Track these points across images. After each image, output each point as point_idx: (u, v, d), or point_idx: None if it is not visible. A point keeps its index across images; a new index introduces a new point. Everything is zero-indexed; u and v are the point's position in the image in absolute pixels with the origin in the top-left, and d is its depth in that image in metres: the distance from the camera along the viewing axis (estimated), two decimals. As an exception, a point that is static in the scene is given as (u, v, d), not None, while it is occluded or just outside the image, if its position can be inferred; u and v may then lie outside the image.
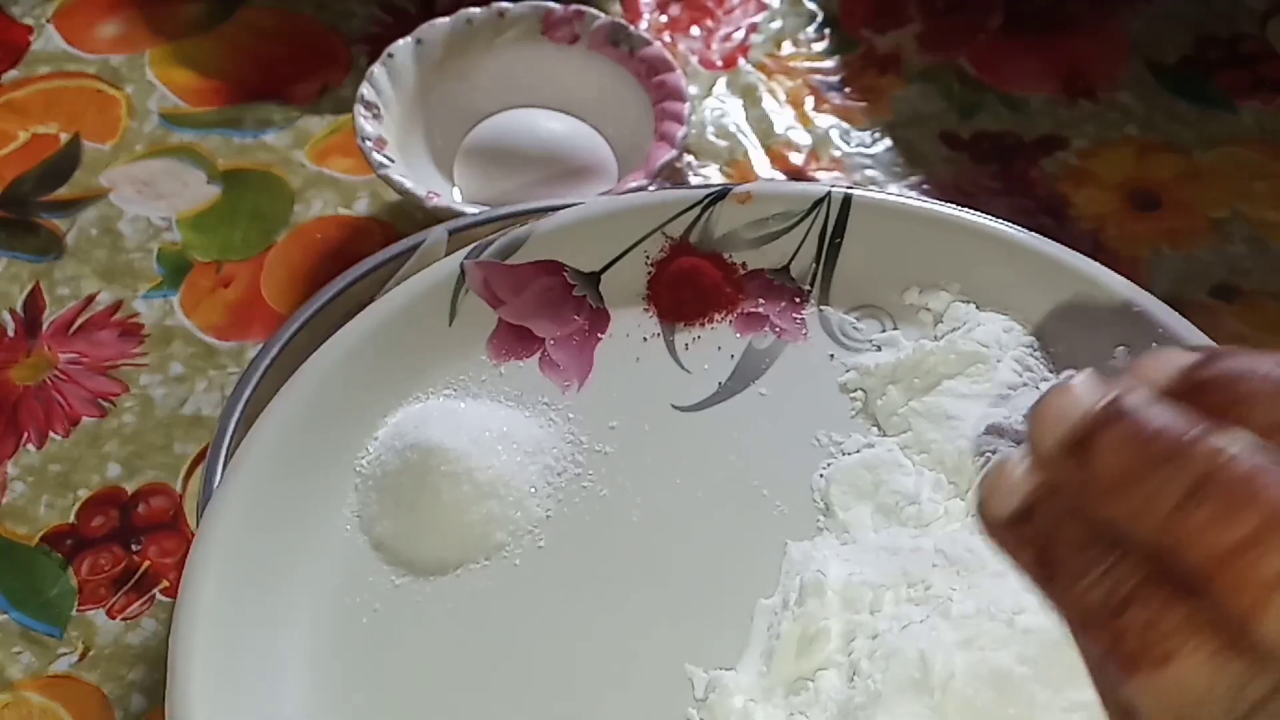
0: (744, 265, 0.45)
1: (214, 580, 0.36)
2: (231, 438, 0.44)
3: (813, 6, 0.67)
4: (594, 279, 0.45)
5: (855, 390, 0.43)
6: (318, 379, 0.41)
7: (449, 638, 0.38)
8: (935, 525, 0.38)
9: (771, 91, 0.63)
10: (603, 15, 0.59)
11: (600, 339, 0.44)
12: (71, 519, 0.50)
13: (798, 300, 0.45)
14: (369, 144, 0.54)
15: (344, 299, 0.47)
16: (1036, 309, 0.44)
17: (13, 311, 0.56)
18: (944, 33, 0.66)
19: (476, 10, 0.59)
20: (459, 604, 0.38)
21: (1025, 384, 0.41)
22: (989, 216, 0.46)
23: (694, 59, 0.65)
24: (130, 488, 0.51)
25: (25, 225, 0.59)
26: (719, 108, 0.63)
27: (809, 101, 0.63)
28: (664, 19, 0.67)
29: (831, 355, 0.44)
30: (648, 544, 0.40)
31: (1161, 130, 0.62)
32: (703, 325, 0.45)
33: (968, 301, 0.44)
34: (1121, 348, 0.42)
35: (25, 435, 0.52)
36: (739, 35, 0.66)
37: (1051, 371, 0.42)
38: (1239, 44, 0.64)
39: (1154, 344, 0.41)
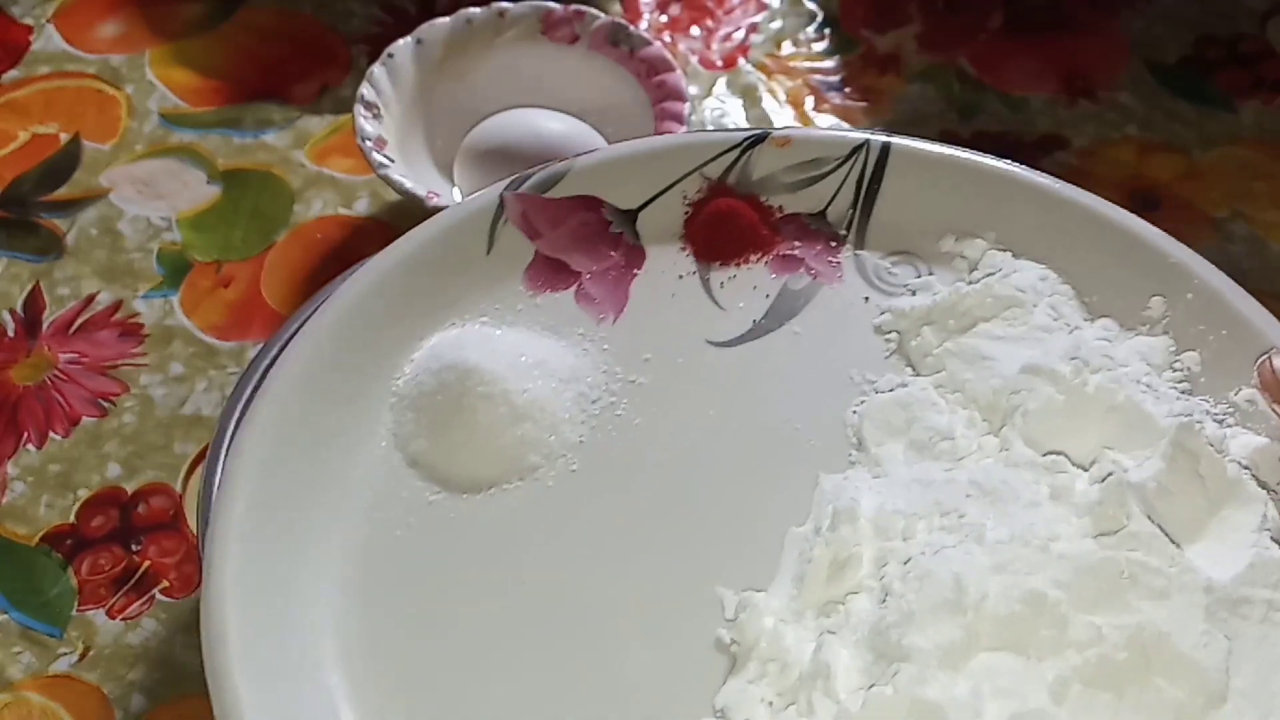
0: (781, 208, 0.46)
1: (246, 494, 0.37)
2: (231, 438, 0.44)
3: (813, 6, 0.67)
4: (631, 216, 0.45)
5: (890, 332, 0.43)
6: (355, 301, 0.41)
7: (480, 554, 0.38)
8: (968, 460, 0.39)
9: (771, 91, 0.64)
10: (603, 15, 0.59)
11: (636, 275, 0.44)
12: (71, 519, 0.50)
13: (833, 244, 0.45)
14: (369, 144, 0.54)
15: (344, 299, 0.47)
16: (1072, 258, 0.44)
17: (13, 311, 0.56)
18: (944, 33, 0.66)
19: (476, 10, 0.59)
20: (491, 522, 0.39)
21: (1060, 329, 0.42)
22: (1025, 167, 0.46)
23: (694, 59, 0.65)
24: (130, 488, 0.51)
25: (25, 225, 0.59)
26: (719, 108, 0.63)
27: (809, 101, 0.63)
28: (664, 19, 0.67)
29: (866, 298, 0.44)
30: (680, 472, 0.40)
31: (1161, 130, 0.62)
32: (738, 265, 0.45)
33: (1003, 249, 0.44)
34: (1157, 298, 0.42)
35: (25, 435, 0.52)
36: (739, 35, 0.66)
37: (1086, 319, 0.42)
38: (1239, 44, 0.64)
39: (1189, 295, 0.42)
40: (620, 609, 0.37)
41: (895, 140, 0.46)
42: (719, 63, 0.65)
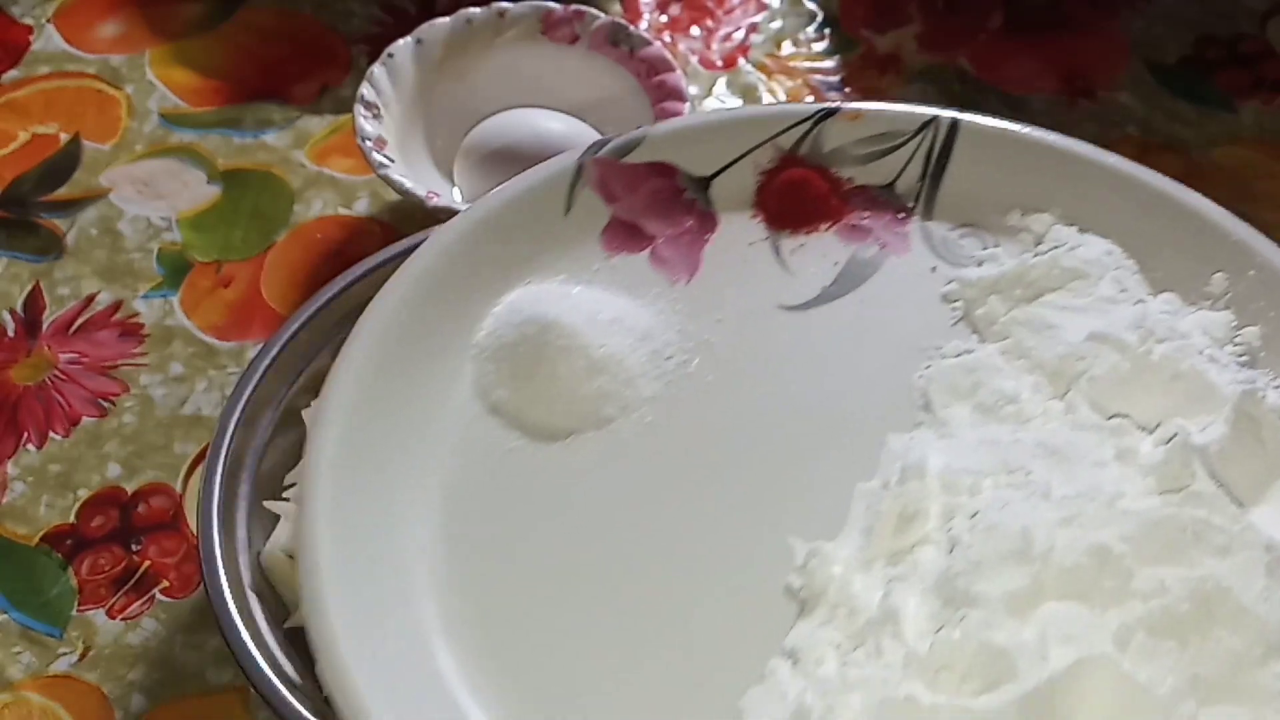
0: (850, 180, 0.47)
1: (336, 437, 0.39)
2: (231, 438, 0.44)
3: (813, 6, 0.67)
4: (704, 184, 0.46)
5: (956, 300, 0.44)
6: (436, 259, 0.43)
7: (558, 499, 0.39)
8: (1034, 423, 0.40)
9: (771, 91, 0.64)
10: (603, 15, 0.59)
11: (708, 240, 0.46)
12: (71, 519, 0.50)
13: (901, 216, 0.46)
14: (369, 144, 0.54)
15: (344, 299, 0.47)
16: (1136, 234, 0.45)
17: (13, 311, 0.56)
18: (944, 33, 0.66)
19: (476, 10, 0.59)
20: (568, 470, 0.40)
21: (1125, 301, 0.43)
22: (1092, 145, 0.47)
23: (694, 59, 0.65)
24: (130, 488, 0.51)
25: (25, 225, 0.59)
26: (719, 108, 0.63)
27: (809, 101, 0.63)
28: (664, 19, 0.67)
29: (934, 268, 0.45)
30: (750, 427, 0.41)
31: (1161, 130, 0.62)
32: (808, 233, 0.46)
33: (1069, 224, 0.45)
34: (1219, 274, 0.43)
35: (25, 435, 0.52)
36: (739, 35, 0.66)
37: (1150, 294, 0.43)
38: (1239, 44, 0.64)
39: (1251, 272, 0.43)
40: (692, 555, 0.38)
41: (964, 117, 0.47)
42: (719, 63, 0.65)
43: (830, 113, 0.47)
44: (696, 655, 0.37)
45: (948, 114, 0.47)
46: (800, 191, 0.46)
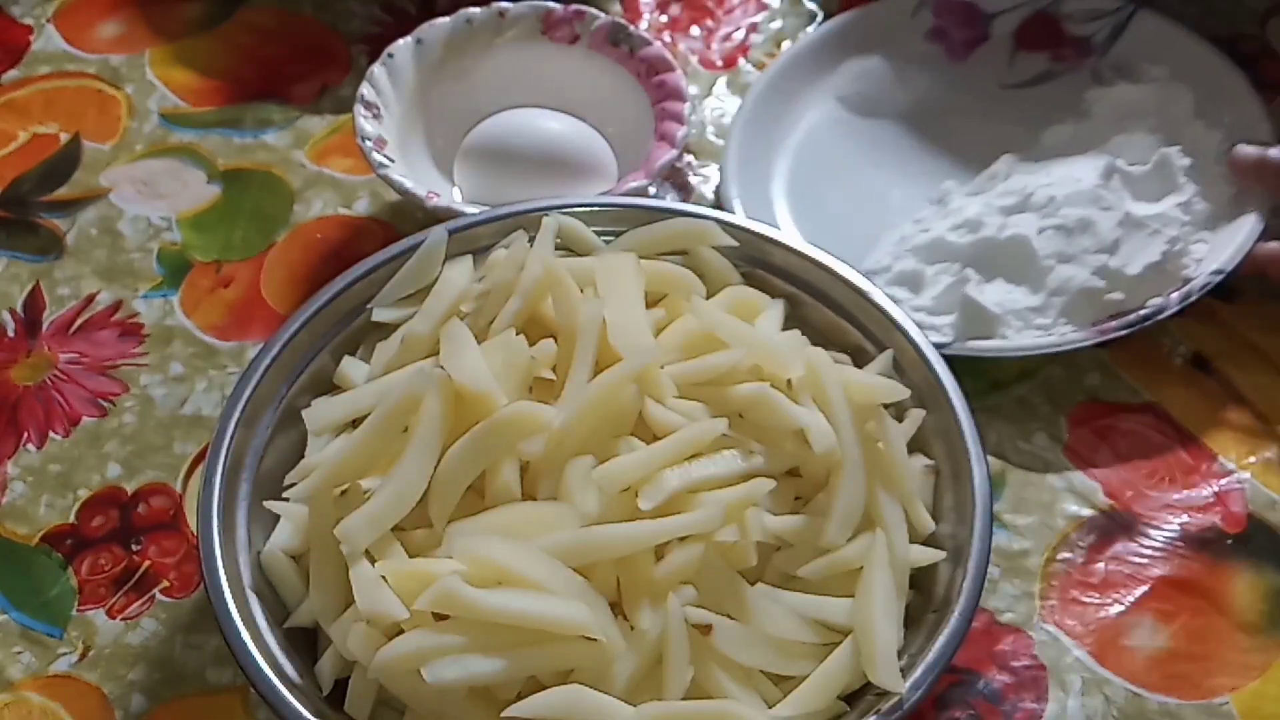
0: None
1: (738, 137, 0.59)
2: (231, 438, 0.44)
3: (813, 6, 0.67)
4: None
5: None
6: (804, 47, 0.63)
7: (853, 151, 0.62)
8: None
9: (771, 91, 0.63)
10: (603, 15, 0.59)
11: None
12: (71, 519, 0.50)
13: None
14: (369, 144, 0.54)
15: (344, 299, 0.47)
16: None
17: (13, 311, 0.56)
18: (944, 32, 0.66)
19: (476, 10, 0.59)
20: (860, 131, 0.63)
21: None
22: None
23: (694, 59, 0.65)
24: (130, 488, 0.51)
25: (25, 225, 0.59)
26: (719, 108, 0.63)
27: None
28: (664, 19, 0.67)
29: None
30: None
31: (1161, 130, 0.62)
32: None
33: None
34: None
35: (25, 435, 0.52)
36: (739, 35, 0.66)
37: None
38: (1239, 44, 0.64)
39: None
40: (902, 178, 0.60)
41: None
42: (719, 63, 0.65)
43: None
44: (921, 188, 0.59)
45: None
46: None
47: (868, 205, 0.58)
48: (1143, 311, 0.52)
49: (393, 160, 0.54)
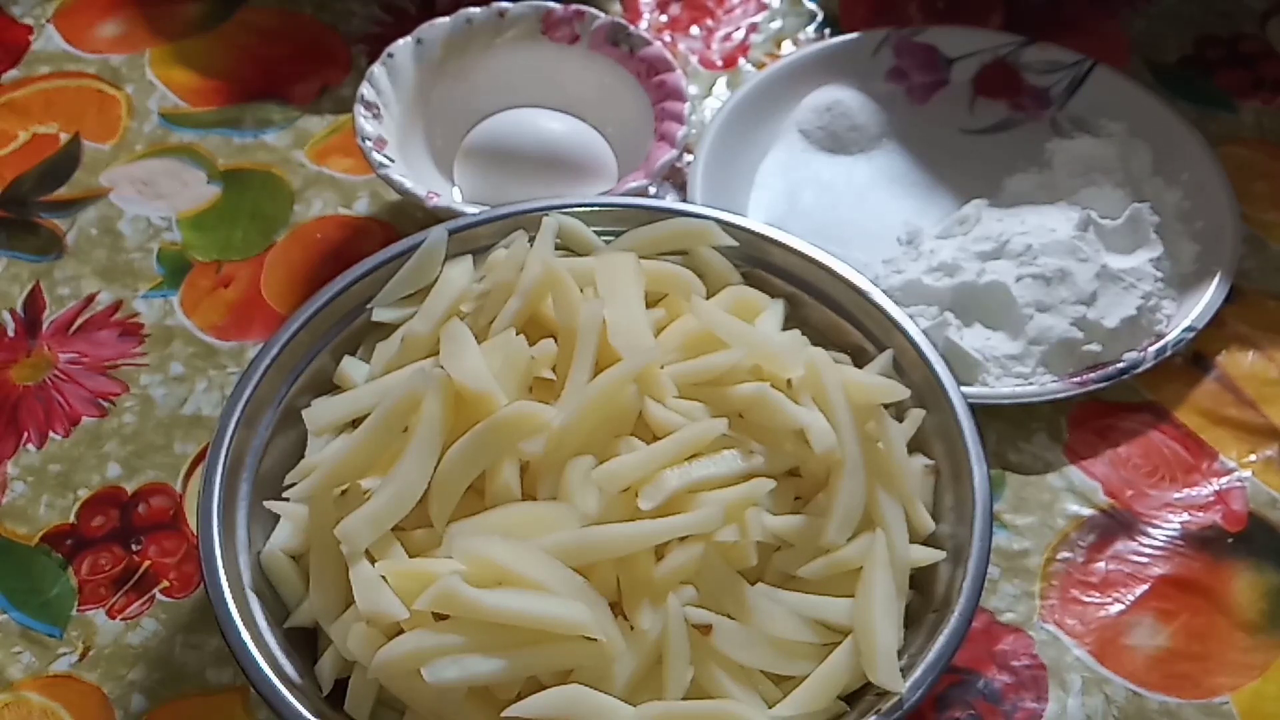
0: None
1: (707, 153, 0.58)
2: (231, 437, 0.44)
3: (813, 6, 0.67)
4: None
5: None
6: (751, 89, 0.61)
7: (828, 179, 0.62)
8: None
9: (771, 91, 0.63)
10: (603, 15, 0.59)
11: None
12: (71, 519, 0.50)
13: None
14: (369, 144, 0.54)
15: (344, 299, 0.47)
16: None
17: (13, 311, 0.56)
18: (944, 32, 0.66)
19: (476, 10, 0.59)
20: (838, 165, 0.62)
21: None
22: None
23: (694, 59, 0.65)
24: (130, 488, 0.51)
25: (25, 225, 0.59)
26: (719, 108, 0.63)
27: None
28: (664, 19, 0.67)
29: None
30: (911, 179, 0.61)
31: (1161, 130, 0.62)
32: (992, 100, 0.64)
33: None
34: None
35: (25, 435, 0.52)
36: (739, 35, 0.66)
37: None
38: (1239, 44, 0.64)
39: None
40: (883, 210, 0.59)
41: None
42: (719, 63, 0.65)
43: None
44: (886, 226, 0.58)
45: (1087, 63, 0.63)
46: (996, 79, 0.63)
47: (830, 241, 0.54)
48: (1119, 365, 0.52)
49: (393, 160, 0.54)
